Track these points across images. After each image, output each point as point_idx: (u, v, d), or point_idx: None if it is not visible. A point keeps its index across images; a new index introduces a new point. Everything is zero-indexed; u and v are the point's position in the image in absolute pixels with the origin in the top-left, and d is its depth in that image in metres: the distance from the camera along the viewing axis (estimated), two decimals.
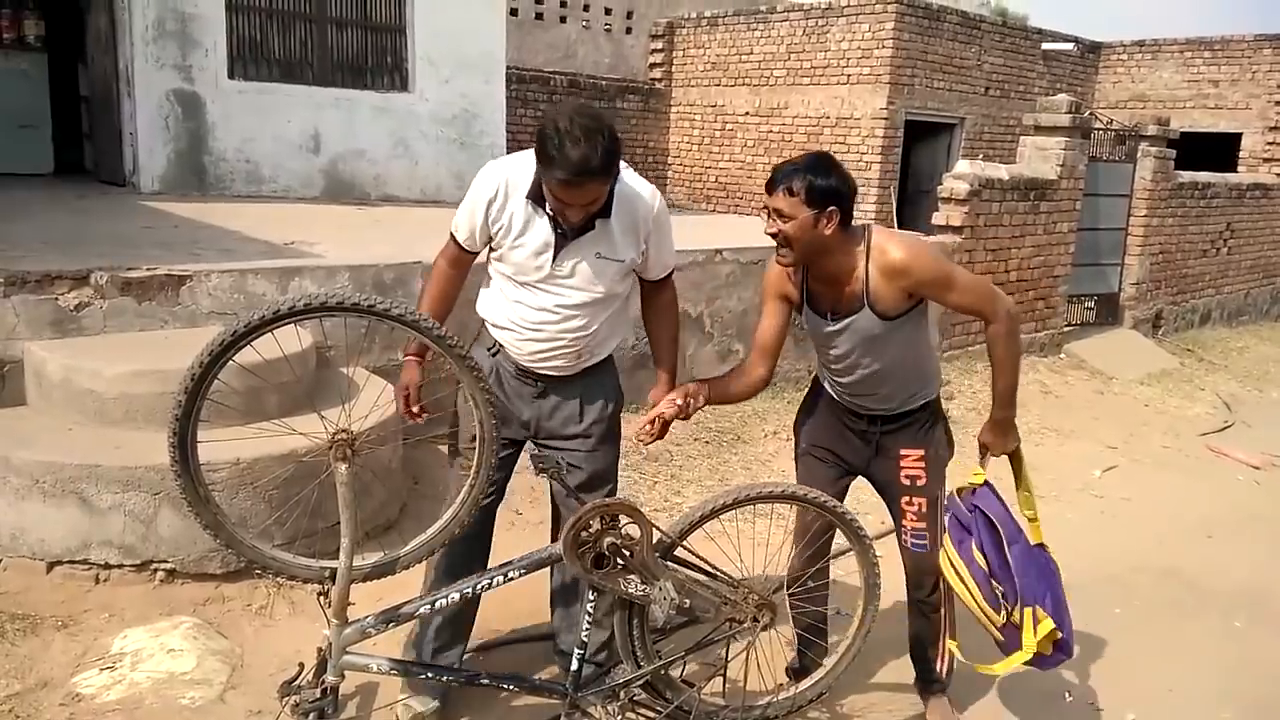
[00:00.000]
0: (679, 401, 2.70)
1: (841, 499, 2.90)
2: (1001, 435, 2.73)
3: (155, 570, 3.27)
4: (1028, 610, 2.59)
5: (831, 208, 2.53)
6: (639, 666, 2.56)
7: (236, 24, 7.83)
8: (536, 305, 2.62)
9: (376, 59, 8.70)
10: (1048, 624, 2.59)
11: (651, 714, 2.61)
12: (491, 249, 2.66)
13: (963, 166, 7.80)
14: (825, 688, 2.84)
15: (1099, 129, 9.40)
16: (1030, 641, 2.59)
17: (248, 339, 2.16)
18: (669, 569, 2.51)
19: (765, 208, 2.63)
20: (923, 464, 2.83)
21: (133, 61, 7.35)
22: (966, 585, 2.63)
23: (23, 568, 3.24)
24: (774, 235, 2.60)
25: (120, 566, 3.25)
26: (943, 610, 2.90)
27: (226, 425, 3.11)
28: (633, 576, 2.45)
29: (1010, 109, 12.83)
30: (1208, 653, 3.72)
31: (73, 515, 3.19)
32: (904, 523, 2.87)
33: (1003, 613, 2.61)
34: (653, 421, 2.70)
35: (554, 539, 2.85)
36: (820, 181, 2.52)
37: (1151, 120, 9.66)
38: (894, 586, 3.00)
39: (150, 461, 3.17)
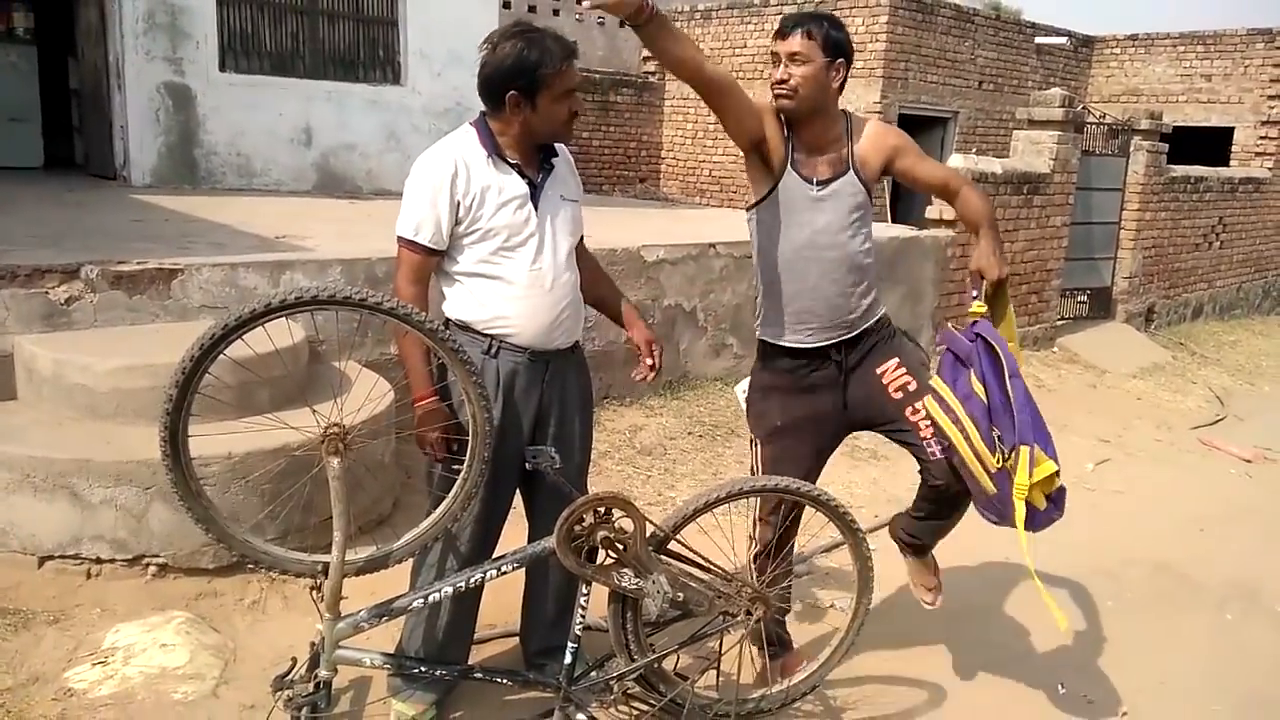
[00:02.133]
0: None
1: (821, 468, 2.91)
2: (997, 258, 2.64)
3: (147, 565, 3.26)
4: (1024, 449, 2.42)
5: (841, 59, 2.59)
6: (632, 660, 2.55)
7: (227, 16, 7.79)
8: (536, 263, 2.57)
9: (368, 52, 8.67)
10: (1049, 465, 2.43)
11: (645, 707, 2.61)
12: (462, 239, 2.55)
13: (956, 160, 7.81)
14: (819, 680, 2.84)
15: (1092, 123, 9.42)
16: (1024, 481, 2.40)
17: (239, 333, 2.15)
18: (662, 563, 2.51)
19: (774, 55, 2.62)
20: (903, 369, 2.78)
21: (123, 54, 7.32)
22: (962, 424, 2.52)
23: (13, 562, 3.22)
24: (782, 82, 2.59)
25: (112, 561, 3.24)
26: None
27: (218, 420, 3.10)
28: (626, 570, 2.45)
29: (1003, 103, 12.84)
30: (1200, 645, 3.73)
31: (64, 510, 3.18)
32: (921, 435, 2.73)
33: (998, 455, 2.47)
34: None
35: (532, 533, 2.85)
36: (835, 33, 2.57)
37: (1144, 114, 9.69)
38: (888, 579, 3.00)
39: (141, 456, 3.16)
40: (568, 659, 2.51)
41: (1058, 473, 2.45)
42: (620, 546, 2.42)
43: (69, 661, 2.86)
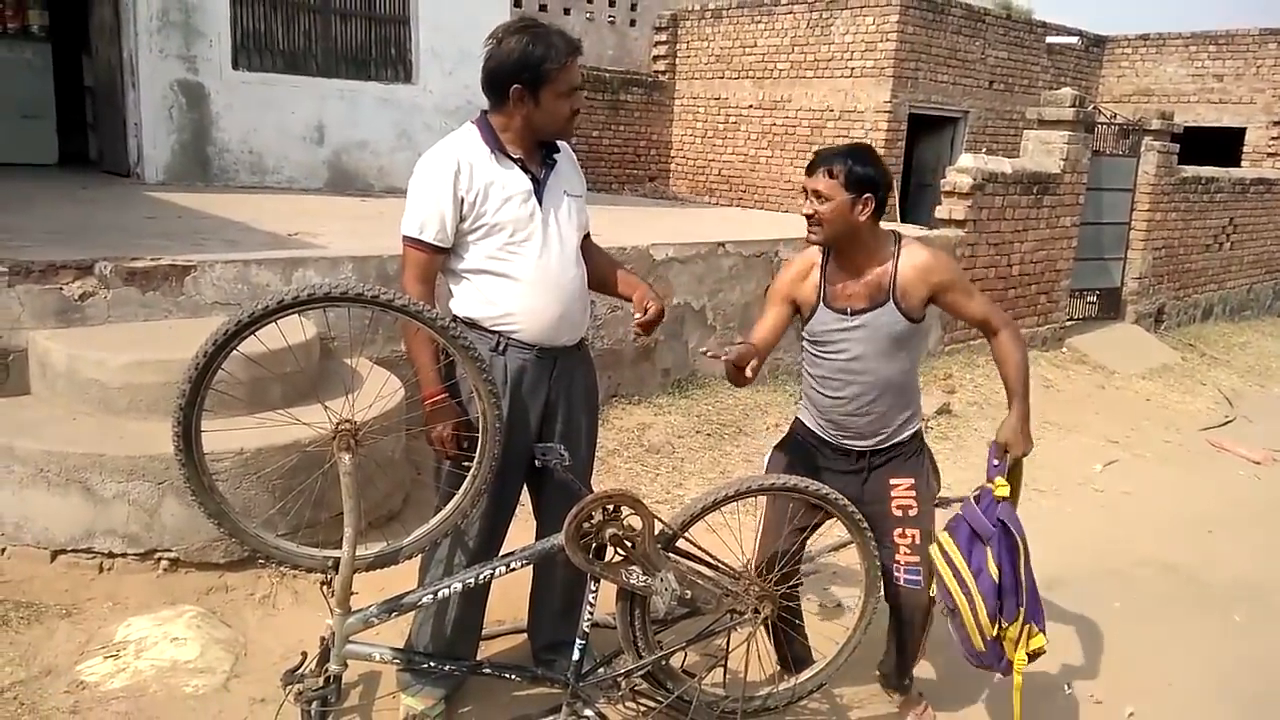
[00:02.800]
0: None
1: (804, 537, 2.86)
2: (1025, 435, 2.69)
3: (159, 559, 3.29)
4: (1025, 626, 2.62)
5: (868, 194, 2.60)
6: (640, 657, 2.57)
7: (240, 15, 7.82)
8: (543, 258, 2.59)
9: (380, 50, 8.69)
10: (1040, 639, 2.65)
11: (652, 704, 2.63)
12: (467, 236, 2.56)
13: (966, 160, 7.79)
14: (826, 678, 2.85)
15: (1102, 123, 9.39)
16: (1020, 656, 2.63)
17: (251, 329, 2.17)
18: (670, 560, 2.52)
19: (804, 189, 2.67)
20: (913, 493, 2.79)
21: (137, 52, 7.35)
22: (971, 596, 2.61)
23: (27, 556, 3.25)
24: (809, 216, 2.65)
25: (124, 555, 3.26)
26: (925, 630, 2.94)
27: (231, 415, 3.12)
28: (634, 567, 2.47)
29: (1014, 103, 12.81)
30: (1207, 647, 3.73)
31: (77, 504, 3.20)
32: (897, 557, 2.79)
33: (997, 627, 2.62)
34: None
35: (540, 529, 2.87)
36: (860, 169, 2.59)
37: (1155, 114, 9.65)
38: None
39: (154, 451, 3.18)
40: (576, 655, 2.53)
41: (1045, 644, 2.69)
42: (629, 544, 2.44)
43: (81, 654, 2.89)
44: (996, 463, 2.69)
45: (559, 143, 2.70)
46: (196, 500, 2.33)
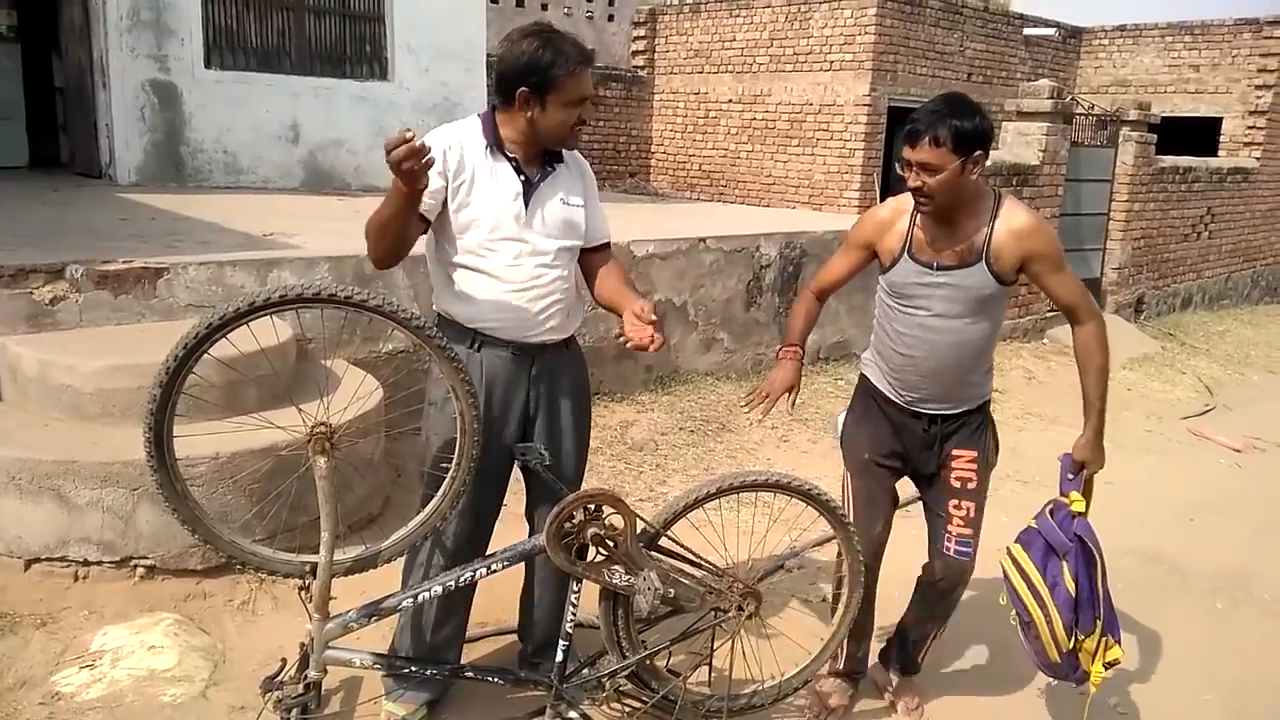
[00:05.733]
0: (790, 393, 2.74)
1: (893, 515, 2.89)
2: (1101, 450, 2.65)
3: (135, 567, 3.24)
4: (1102, 639, 2.60)
5: (978, 151, 2.43)
6: (624, 657, 2.55)
7: (212, 13, 7.74)
8: (520, 259, 2.54)
9: (355, 48, 8.62)
10: (1117, 650, 2.63)
11: (637, 704, 2.61)
12: (451, 227, 2.52)
13: None
14: (810, 675, 2.84)
15: (1080, 114, 9.43)
16: (1099, 667, 2.62)
17: (223, 332, 2.13)
18: (653, 559, 2.50)
19: (905, 160, 2.49)
20: (974, 466, 2.73)
21: (107, 52, 7.27)
22: (1045, 606, 2.58)
23: (0, 565, 3.20)
24: (916, 189, 2.49)
25: (99, 563, 3.22)
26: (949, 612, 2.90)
27: (204, 420, 3.08)
28: (617, 567, 2.44)
29: (993, 94, 12.83)
30: (1190, 635, 3.74)
31: (50, 512, 3.15)
32: (949, 527, 2.74)
33: (1073, 639, 2.59)
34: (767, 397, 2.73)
35: (532, 531, 2.83)
36: (967, 125, 2.40)
37: (1133, 105, 9.70)
38: (880, 578, 2.99)
39: (128, 457, 3.13)
40: (559, 656, 2.51)
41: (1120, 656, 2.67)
42: (611, 543, 2.41)
43: (56, 665, 2.84)
44: (1071, 477, 2.65)
45: (569, 154, 2.64)
46: (170, 506, 2.28)
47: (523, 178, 2.55)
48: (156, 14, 7.39)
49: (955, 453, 2.72)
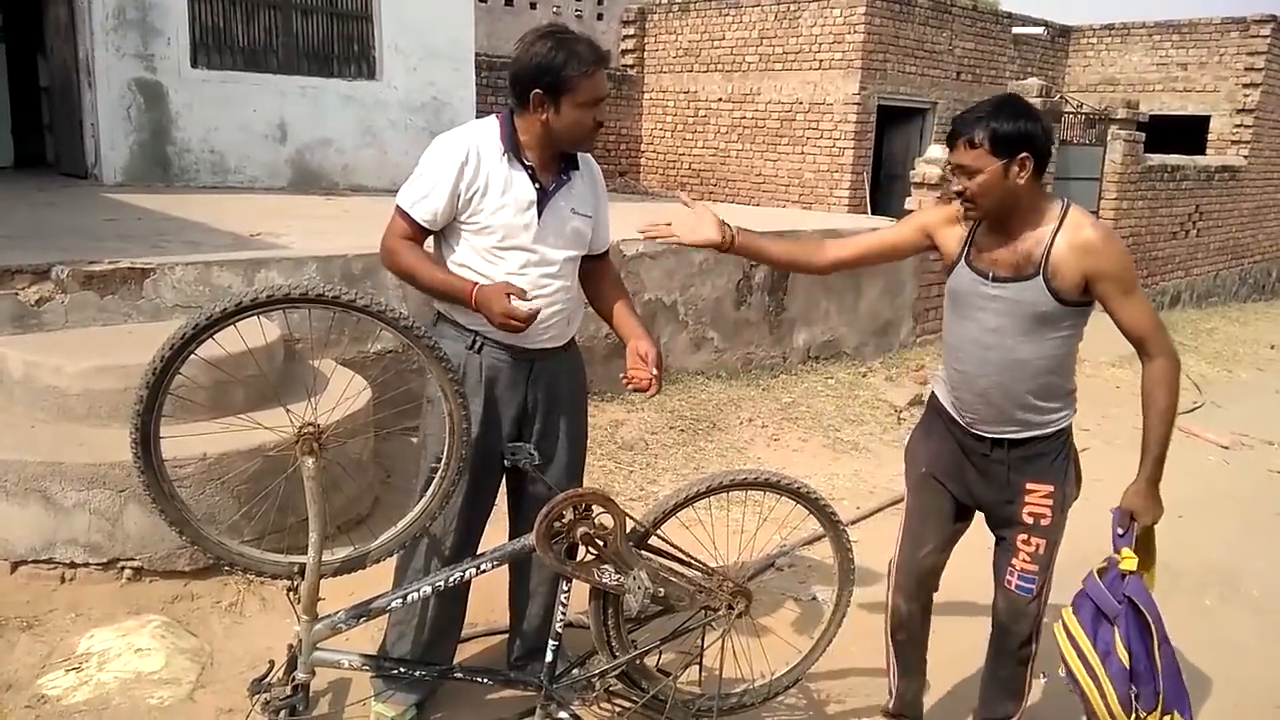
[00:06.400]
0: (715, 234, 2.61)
1: (950, 550, 2.69)
2: (1154, 500, 2.40)
3: (122, 568, 3.22)
4: (1165, 718, 2.35)
5: (1023, 154, 2.26)
6: (614, 657, 2.54)
7: (199, 11, 7.71)
8: (526, 268, 2.54)
9: (343, 47, 8.60)
10: None
11: (627, 704, 2.60)
12: (461, 227, 2.53)
13: (935, 151, 7.82)
14: (801, 673, 2.83)
15: (1069, 112, 9.47)
16: None
17: (210, 332, 2.12)
18: (643, 558, 2.49)
19: (948, 164, 2.39)
20: (1050, 501, 2.51)
21: (93, 51, 7.23)
22: (1099, 679, 2.35)
23: None
24: (959, 194, 2.35)
25: (86, 565, 3.19)
26: (1031, 653, 2.63)
27: (192, 420, 3.06)
28: (607, 566, 2.44)
29: (982, 93, 12.86)
30: (1179, 632, 3.70)
31: (36, 514, 3.13)
32: (1014, 561, 2.54)
33: (1134, 715, 2.35)
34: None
35: (512, 530, 2.83)
36: (1007, 126, 2.25)
37: (1121, 103, 9.75)
38: (869, 571, 3.00)
39: (115, 458, 3.11)
40: (549, 657, 2.50)
41: None
42: (600, 542, 2.41)
43: (43, 668, 2.82)
44: (1121, 532, 2.41)
45: (583, 159, 2.64)
46: (157, 508, 2.27)
47: (538, 186, 2.53)
48: (142, 13, 7.35)
49: (1029, 486, 2.48)
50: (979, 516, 2.69)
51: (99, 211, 5.77)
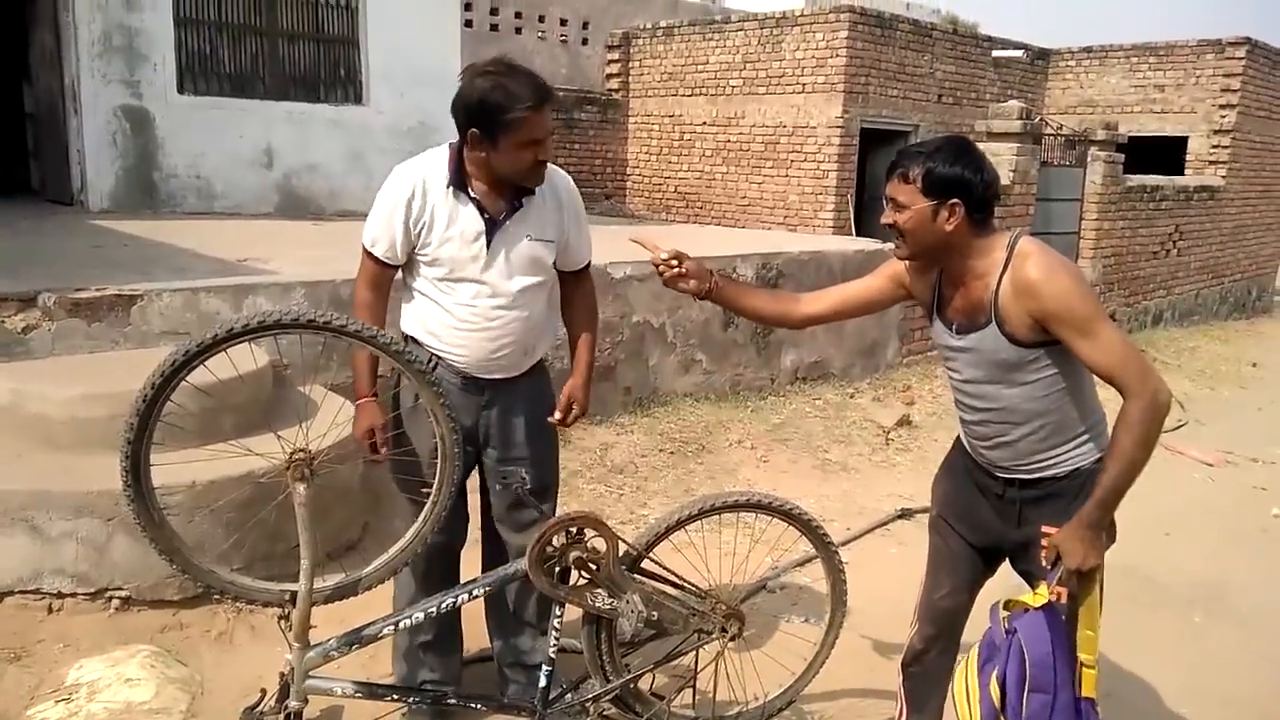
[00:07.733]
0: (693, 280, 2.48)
1: (975, 592, 2.55)
2: (1085, 543, 2.13)
3: (110, 598, 3.19)
4: None
5: (954, 200, 2.17)
6: (607, 681, 2.54)
7: (185, 38, 7.73)
8: (477, 299, 2.54)
9: (330, 72, 8.63)
10: None
11: None
12: (416, 256, 2.55)
13: None
14: (794, 695, 2.83)
15: (1049, 134, 9.57)
16: None
17: (200, 359, 2.12)
18: (636, 581, 2.49)
19: (885, 195, 2.32)
20: None
21: (79, 78, 7.23)
22: (971, 713, 2.18)
23: None
24: (890, 226, 2.29)
25: (74, 595, 3.16)
26: None
27: (181, 447, 3.05)
28: (599, 590, 2.43)
29: (963, 116, 13.00)
30: (1167, 648, 3.76)
31: (23, 544, 3.10)
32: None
33: None
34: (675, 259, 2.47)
35: (485, 558, 2.84)
36: (942, 169, 2.18)
37: (1100, 125, 9.86)
38: (861, 592, 3.00)
39: (102, 486, 3.09)
40: (542, 681, 2.49)
41: None
42: (593, 566, 2.41)
43: (31, 699, 2.79)
44: (1048, 566, 2.18)
45: (550, 182, 2.60)
46: (147, 536, 2.26)
47: (486, 217, 2.51)
48: (129, 39, 7.36)
49: (1044, 529, 2.23)
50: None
51: (85, 238, 5.76)
